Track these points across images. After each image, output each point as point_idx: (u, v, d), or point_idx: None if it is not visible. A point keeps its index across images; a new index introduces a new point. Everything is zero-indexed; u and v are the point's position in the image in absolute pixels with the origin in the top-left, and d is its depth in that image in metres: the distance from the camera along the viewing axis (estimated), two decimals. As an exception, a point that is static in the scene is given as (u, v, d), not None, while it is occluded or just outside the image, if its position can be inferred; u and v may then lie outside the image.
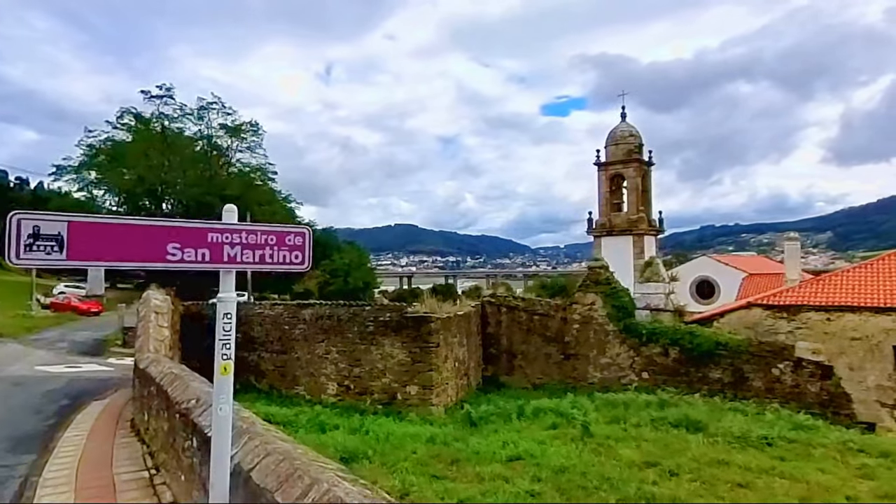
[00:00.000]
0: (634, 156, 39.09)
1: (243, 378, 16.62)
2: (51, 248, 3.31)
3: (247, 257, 3.87)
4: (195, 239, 3.71)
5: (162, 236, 3.62)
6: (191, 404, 6.54)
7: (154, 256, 3.58)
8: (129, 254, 3.51)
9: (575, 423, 10.94)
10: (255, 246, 3.91)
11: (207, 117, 53.05)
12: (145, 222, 3.63)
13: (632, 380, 18.13)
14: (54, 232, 3.32)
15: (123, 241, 3.49)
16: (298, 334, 16.23)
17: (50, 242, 3.31)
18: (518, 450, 8.85)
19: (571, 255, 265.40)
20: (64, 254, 3.33)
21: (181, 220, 3.75)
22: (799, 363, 16.21)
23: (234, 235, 3.83)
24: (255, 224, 3.94)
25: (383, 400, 15.16)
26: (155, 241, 3.59)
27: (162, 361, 9.93)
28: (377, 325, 15.34)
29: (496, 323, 19.60)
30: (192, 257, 3.68)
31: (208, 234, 3.75)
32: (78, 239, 3.37)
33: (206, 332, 16.28)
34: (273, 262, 3.97)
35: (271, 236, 3.96)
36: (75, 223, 3.39)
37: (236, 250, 3.83)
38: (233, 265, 3.84)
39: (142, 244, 3.55)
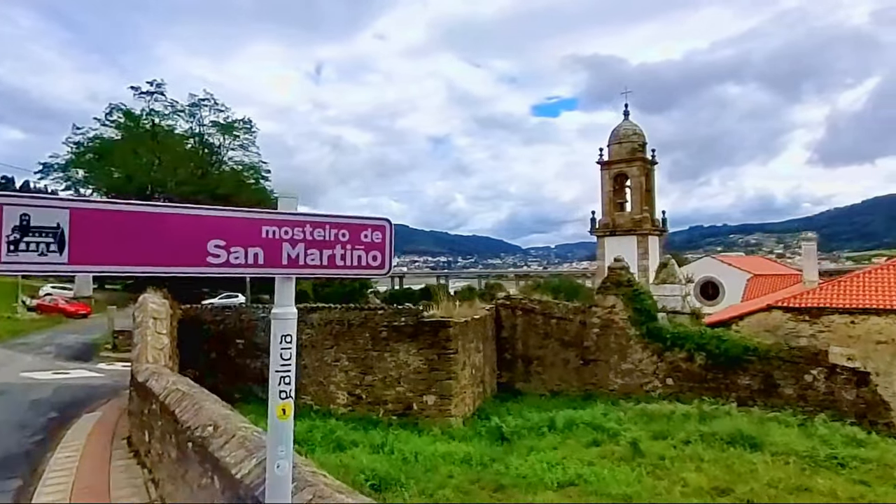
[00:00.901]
0: (638, 154, 38.32)
1: (245, 386, 15.54)
2: (46, 247, 2.30)
3: (312, 259, 2.87)
4: (245, 234, 2.71)
5: (202, 230, 2.61)
6: (207, 432, 5.49)
7: (190, 258, 2.58)
8: (156, 254, 2.50)
9: (618, 440, 10.01)
10: (323, 244, 2.91)
11: (199, 114, 51.79)
12: (180, 210, 2.62)
13: (655, 386, 17.24)
14: (51, 223, 2.32)
15: (149, 237, 2.49)
16: (305, 340, 15.17)
17: (45, 239, 2.30)
18: (568, 474, 7.91)
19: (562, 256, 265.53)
20: (65, 255, 2.32)
21: (227, 209, 2.74)
22: (833, 369, 15.40)
23: (295, 230, 2.83)
24: (323, 214, 2.94)
25: (398, 410, 14.15)
26: (192, 237, 2.59)
27: (164, 375, 8.87)
28: (391, 330, 14.33)
29: (511, 327, 18.65)
30: (241, 259, 2.69)
31: (262, 227, 2.75)
32: (85, 234, 2.36)
33: (205, 339, 15.20)
34: (345, 266, 2.98)
35: (343, 231, 2.96)
36: (81, 211, 2.38)
37: (299, 250, 2.83)
38: (294, 270, 2.84)
39: (175, 241, 2.54)
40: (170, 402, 7.28)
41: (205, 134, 52.90)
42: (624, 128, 39.70)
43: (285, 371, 2.82)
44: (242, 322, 15.92)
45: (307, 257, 2.84)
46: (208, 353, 15.70)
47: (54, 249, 2.30)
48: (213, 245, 2.61)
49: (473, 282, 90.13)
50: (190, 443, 5.83)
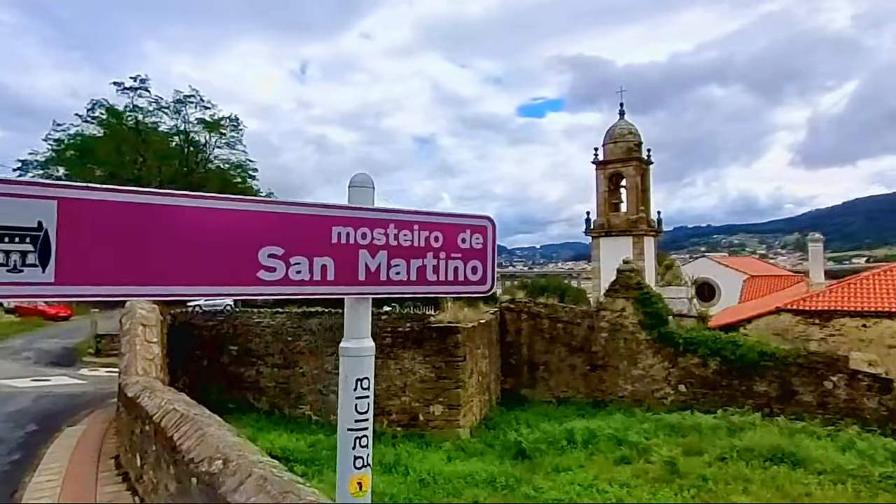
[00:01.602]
0: (634, 154, 37.79)
1: (240, 396, 14.65)
2: (20, 260, 1.50)
3: (397, 272, 2.08)
4: (310, 237, 1.92)
5: (251, 233, 1.82)
6: (216, 468, 4.64)
7: (236, 274, 1.78)
8: (187, 269, 1.71)
9: (649, 456, 9.30)
10: (412, 251, 2.12)
11: (184, 111, 50.38)
12: (220, 204, 1.81)
13: (667, 393, 16.61)
14: (28, 222, 1.52)
15: (175, 244, 1.69)
16: (304, 346, 14.30)
17: (19, 246, 1.51)
18: (606, 498, 7.16)
19: (547, 256, 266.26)
20: (49, 271, 1.53)
21: (283, 202, 1.94)
22: (854, 376, 14.85)
23: (375, 232, 2.04)
24: (409, 211, 2.15)
25: (403, 421, 13.34)
26: (238, 243, 1.79)
27: (157, 390, 7.99)
28: (395, 336, 13.52)
29: (516, 331, 17.92)
30: (304, 274, 1.89)
31: (333, 227, 1.95)
32: (81, 238, 1.57)
33: (196, 345, 14.29)
34: (437, 282, 2.19)
35: (436, 233, 2.17)
36: (75, 203, 1.58)
37: (380, 259, 2.04)
38: (373, 288, 2.05)
39: (213, 248, 1.75)
40: (166, 424, 6.41)
41: (190, 131, 51.57)
42: (619, 127, 39.19)
43: (362, 429, 2.03)
44: (236, 328, 15.00)
45: (390, 270, 2.05)
46: (200, 361, 14.77)
47: (33, 262, 1.50)
48: (266, 254, 1.81)
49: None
50: (194, 478, 4.98)
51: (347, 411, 2.01)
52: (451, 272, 2.18)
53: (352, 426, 2.00)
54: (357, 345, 2.03)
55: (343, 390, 2.03)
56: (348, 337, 2.05)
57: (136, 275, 1.62)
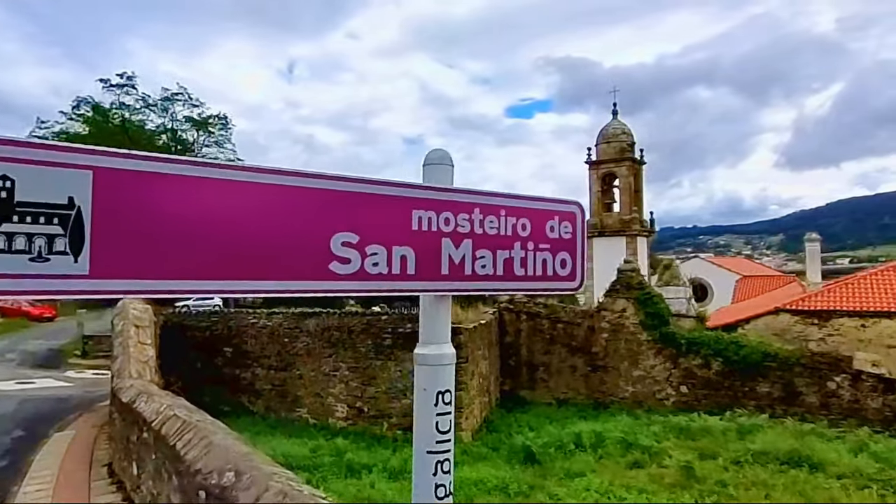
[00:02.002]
0: (627, 154, 37.73)
1: (234, 399, 14.24)
2: (47, 246, 1.17)
3: (482, 265, 1.76)
4: (389, 223, 1.60)
5: (323, 216, 1.50)
6: (227, 480, 4.29)
7: (308, 267, 1.46)
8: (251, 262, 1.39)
9: (661, 460, 9.05)
10: (498, 241, 1.80)
11: (172, 109, 49.64)
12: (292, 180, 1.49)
13: (668, 394, 16.41)
14: (58, 198, 1.20)
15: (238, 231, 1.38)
16: (301, 348, 13.91)
17: (46, 228, 1.18)
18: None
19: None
20: (83, 261, 1.20)
21: (357, 180, 1.61)
22: (858, 376, 14.73)
23: (459, 217, 1.72)
24: (494, 193, 1.84)
25: (404, 425, 12.99)
26: (310, 230, 1.47)
27: (154, 394, 7.60)
28: (396, 337, 13.18)
29: (515, 332, 17.64)
30: (382, 267, 1.56)
31: (413, 211, 1.63)
32: (120, 219, 1.25)
33: (189, 347, 13.88)
34: (525, 277, 1.88)
35: (523, 220, 1.86)
36: (117, 175, 1.26)
37: (464, 250, 1.72)
38: (457, 284, 1.74)
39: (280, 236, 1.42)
40: (167, 432, 6.03)
41: (178, 130, 50.90)
42: (612, 127, 39.12)
43: (444, 452, 1.72)
44: (231, 328, 14.57)
45: (475, 263, 1.73)
46: (193, 363, 14.32)
47: (62, 249, 1.17)
48: (339, 242, 1.49)
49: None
50: (202, 491, 4.62)
51: (426, 431, 1.69)
52: (540, 265, 1.87)
53: (432, 448, 1.69)
54: (437, 351, 1.72)
55: (421, 405, 1.71)
56: (426, 342, 1.74)
57: (190, 266, 1.29)
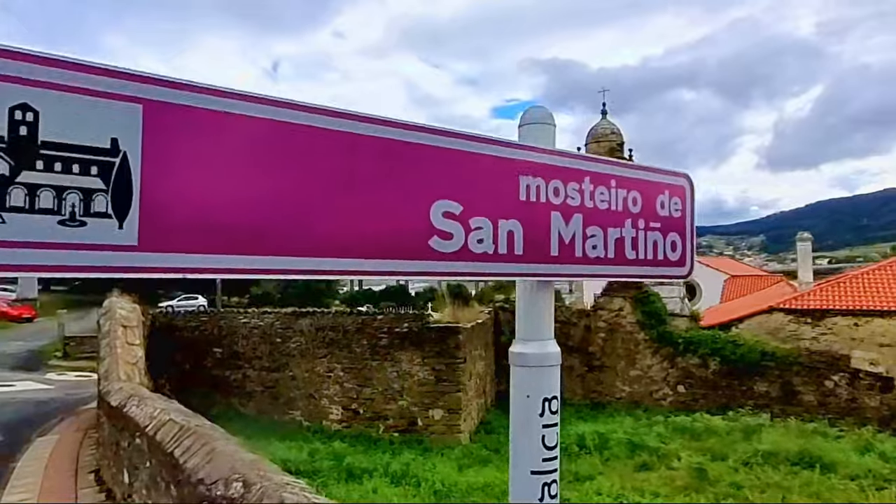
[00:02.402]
0: (616, 154, 37.66)
1: (225, 402, 13.81)
2: (81, 204, 0.85)
3: (593, 245, 1.46)
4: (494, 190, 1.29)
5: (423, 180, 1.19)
6: (235, 490, 3.95)
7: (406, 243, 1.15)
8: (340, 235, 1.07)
9: (669, 461, 8.83)
10: (609, 216, 1.50)
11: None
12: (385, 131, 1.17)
13: (666, 394, 16.27)
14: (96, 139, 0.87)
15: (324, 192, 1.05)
16: (294, 349, 13.52)
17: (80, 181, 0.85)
18: (643, 511, 6.63)
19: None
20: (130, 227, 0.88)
21: (457, 135, 1.29)
22: (855, 375, 14.69)
23: (569, 187, 1.42)
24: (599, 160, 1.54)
25: (400, 427, 12.69)
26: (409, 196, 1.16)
27: (146, 398, 7.20)
28: (392, 337, 12.84)
29: (511, 332, 17.33)
30: (487, 245, 1.25)
31: (520, 177, 1.32)
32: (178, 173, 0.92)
33: (177, 348, 13.45)
34: (636, 261, 1.58)
35: (633, 193, 1.56)
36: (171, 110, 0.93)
37: (574, 227, 1.41)
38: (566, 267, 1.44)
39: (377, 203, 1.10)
40: (163, 438, 5.65)
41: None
42: (602, 126, 38.85)
43: (550, 472, 1.41)
44: (221, 329, 14.13)
45: (586, 243, 1.43)
46: (181, 365, 13.86)
47: (103, 210, 0.86)
48: (440, 213, 1.18)
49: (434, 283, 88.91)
50: (205, 503, 4.27)
51: (530, 446, 1.38)
52: (651, 248, 1.57)
53: (538, 468, 1.38)
54: (541, 349, 1.41)
55: (522, 416, 1.40)
56: (526, 338, 1.43)
57: (270, 239, 0.98)
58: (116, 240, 0.86)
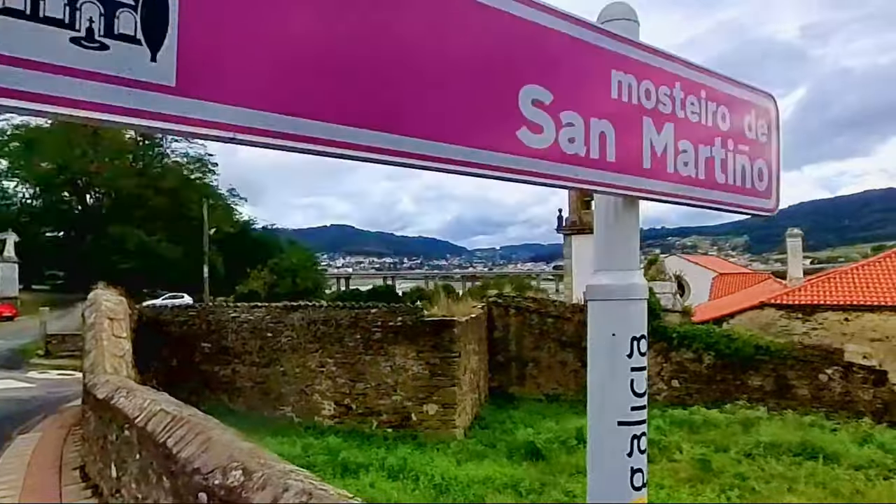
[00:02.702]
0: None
1: (213, 397, 13.49)
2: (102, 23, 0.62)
3: (685, 163, 1.25)
4: (586, 84, 1.07)
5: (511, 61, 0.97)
6: (234, 479, 3.71)
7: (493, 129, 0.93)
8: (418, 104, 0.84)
9: (671, 454, 8.69)
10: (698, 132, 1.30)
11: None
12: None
13: (660, 389, 16.17)
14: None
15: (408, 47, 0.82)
16: (285, 343, 13.22)
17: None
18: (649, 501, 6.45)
19: (507, 257, 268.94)
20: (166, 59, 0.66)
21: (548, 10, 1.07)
22: (849, 368, 14.70)
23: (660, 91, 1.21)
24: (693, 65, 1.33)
25: (394, 422, 12.45)
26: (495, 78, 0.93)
27: (135, 390, 6.91)
28: (386, 331, 12.59)
29: (504, 327, 17.22)
30: (578, 146, 1.03)
31: (612, 72, 1.10)
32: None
33: (164, 344, 13.12)
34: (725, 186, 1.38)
35: (721, 108, 1.36)
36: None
37: (666, 137, 1.21)
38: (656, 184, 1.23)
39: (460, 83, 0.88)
40: (155, 429, 5.38)
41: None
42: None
43: (639, 423, 1.21)
44: (209, 324, 13.78)
45: (678, 158, 1.23)
46: (168, 361, 13.51)
47: (131, 33, 0.63)
48: (529, 99, 0.98)
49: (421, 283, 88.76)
50: (202, 493, 4.02)
51: (617, 393, 1.18)
52: (739, 173, 1.38)
53: (627, 417, 1.18)
54: (625, 280, 1.21)
55: (605, 357, 1.20)
56: (607, 266, 1.23)
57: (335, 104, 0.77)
58: (149, 75, 0.64)
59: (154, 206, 42.93)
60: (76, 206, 48.34)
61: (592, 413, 1.22)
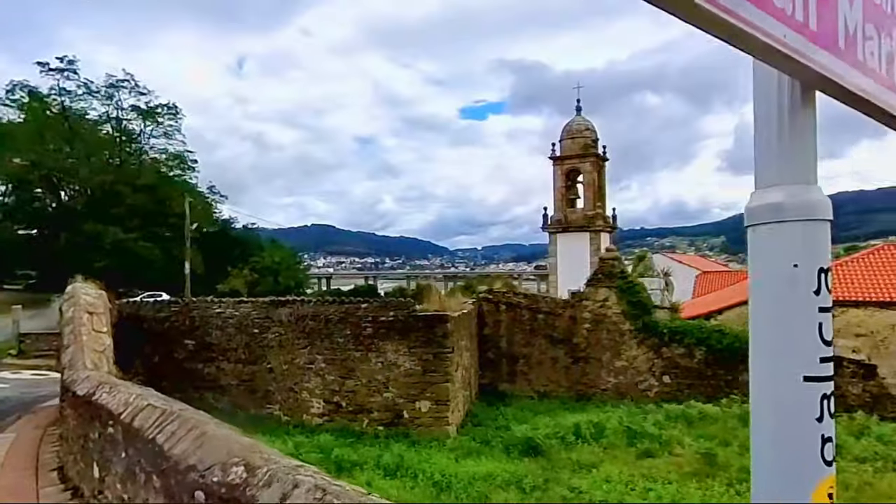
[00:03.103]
0: (591, 150, 37.69)
1: (197, 396, 13.04)
2: None
3: (871, 52, 0.98)
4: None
5: None
6: (235, 475, 3.42)
7: None
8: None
9: (671, 448, 8.52)
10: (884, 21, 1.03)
11: (117, 97, 47.02)
12: None
13: (651, 385, 16.07)
14: None
15: None
16: (272, 339, 12.82)
17: None
18: (660, 495, 6.27)
19: (489, 257, 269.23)
20: None
21: None
22: (839, 363, 14.68)
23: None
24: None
25: (385, 420, 12.14)
26: None
27: (119, 385, 6.52)
28: (377, 326, 12.27)
29: (494, 323, 16.98)
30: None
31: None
32: None
33: (145, 340, 12.65)
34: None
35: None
36: None
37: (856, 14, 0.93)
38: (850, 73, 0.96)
39: None
40: (143, 424, 5.06)
41: (123, 119, 48.17)
42: (576, 123, 39.02)
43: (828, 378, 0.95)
44: (193, 320, 13.32)
45: (865, 44, 0.97)
46: (150, 357, 13.04)
47: None
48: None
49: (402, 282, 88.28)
50: (199, 492, 3.70)
51: (800, 341, 0.92)
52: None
53: (814, 372, 0.92)
54: (807, 196, 0.95)
55: (780, 295, 0.93)
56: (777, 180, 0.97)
57: None
58: None
59: (132, 203, 41.94)
60: (50, 203, 47.06)
61: (763, 368, 0.96)
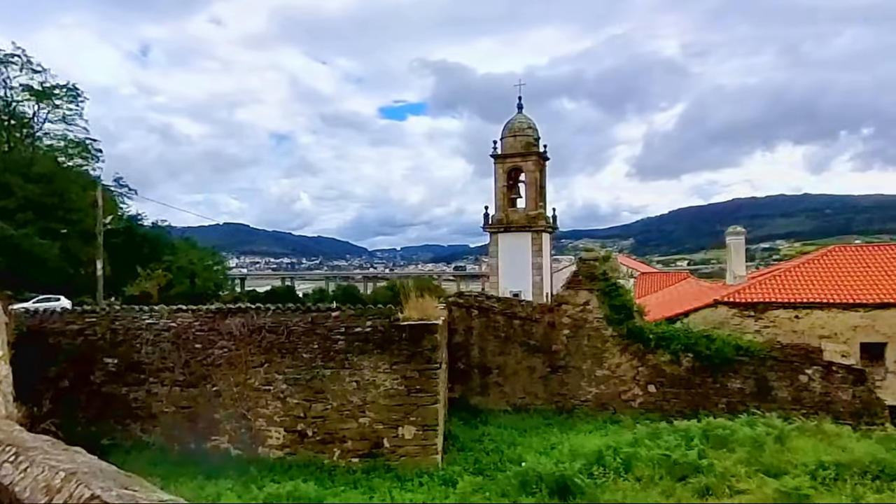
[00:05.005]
0: (533, 149, 36.84)
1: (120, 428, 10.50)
2: None
3: None
4: None
5: None
6: None
7: None
8: None
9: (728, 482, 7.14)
10: None
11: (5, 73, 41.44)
12: None
13: (635, 395, 14.94)
14: None
15: None
16: (219, 356, 10.46)
17: None
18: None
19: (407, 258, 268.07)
20: None
21: None
22: (829, 368, 14.14)
23: None
24: None
25: (361, 450, 10.15)
26: None
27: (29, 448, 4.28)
28: (351, 338, 10.25)
29: (465, 330, 15.27)
30: None
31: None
32: None
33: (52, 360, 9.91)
34: None
35: None
36: None
37: None
38: None
39: None
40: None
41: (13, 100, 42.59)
42: (518, 121, 38.04)
43: None
44: (115, 332, 10.70)
45: None
46: (57, 381, 10.33)
47: None
48: None
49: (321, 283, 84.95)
50: None
51: None
52: None
53: None
54: None
55: None
56: None
57: None
58: None
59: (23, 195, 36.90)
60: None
61: None
